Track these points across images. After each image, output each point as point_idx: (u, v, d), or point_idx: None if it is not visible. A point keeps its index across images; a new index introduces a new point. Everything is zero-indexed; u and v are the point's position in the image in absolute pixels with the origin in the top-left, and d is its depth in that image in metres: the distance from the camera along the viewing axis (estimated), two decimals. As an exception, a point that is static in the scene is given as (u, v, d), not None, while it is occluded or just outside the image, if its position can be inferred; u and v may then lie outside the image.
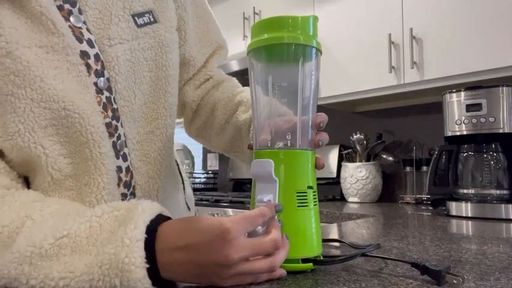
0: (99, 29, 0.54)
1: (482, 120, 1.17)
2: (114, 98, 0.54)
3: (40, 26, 0.48)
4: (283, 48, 0.47)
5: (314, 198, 0.48)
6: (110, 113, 0.53)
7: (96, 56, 0.53)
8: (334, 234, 0.79)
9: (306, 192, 0.47)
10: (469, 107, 1.19)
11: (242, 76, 2.23)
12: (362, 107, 2.06)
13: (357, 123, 2.09)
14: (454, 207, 1.19)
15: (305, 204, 0.46)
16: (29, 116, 0.47)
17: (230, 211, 1.62)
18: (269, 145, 0.48)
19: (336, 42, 1.79)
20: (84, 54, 0.51)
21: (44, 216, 0.42)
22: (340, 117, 2.14)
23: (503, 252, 0.60)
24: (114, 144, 0.54)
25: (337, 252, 0.60)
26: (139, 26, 0.57)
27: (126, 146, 0.56)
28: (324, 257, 0.49)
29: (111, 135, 0.53)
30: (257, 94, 0.50)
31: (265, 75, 0.49)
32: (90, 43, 0.52)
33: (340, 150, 2.04)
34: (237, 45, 2.24)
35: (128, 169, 0.56)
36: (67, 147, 0.50)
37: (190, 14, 0.71)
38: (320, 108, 0.51)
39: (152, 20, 0.59)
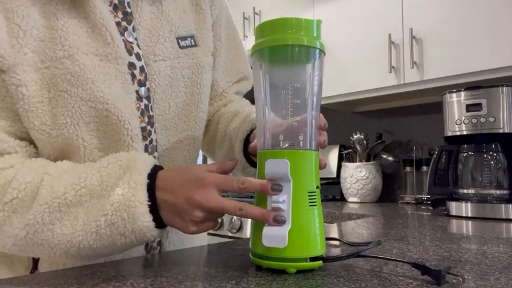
0: (147, 46, 0.61)
1: (482, 120, 1.17)
2: (151, 106, 0.60)
3: (99, 36, 0.55)
4: (287, 49, 0.48)
5: (319, 198, 0.49)
6: (146, 119, 0.59)
7: (142, 68, 0.59)
8: (334, 234, 0.79)
9: (315, 192, 0.47)
10: (469, 107, 1.19)
11: (242, 76, 2.23)
12: (362, 107, 2.06)
13: (357, 123, 2.09)
14: (454, 207, 1.19)
15: (315, 203, 0.47)
16: (77, 112, 0.53)
17: (230, 211, 1.63)
18: (276, 145, 0.48)
19: (336, 42, 1.79)
20: (131, 65, 0.58)
21: (58, 172, 0.50)
22: (340, 117, 2.14)
23: (503, 252, 0.60)
24: (146, 147, 0.59)
25: (337, 251, 0.60)
26: (181, 47, 0.65)
27: (156, 151, 0.62)
28: (326, 255, 0.49)
29: (144, 138, 0.59)
30: (260, 94, 0.50)
31: (269, 76, 0.49)
32: (138, 57, 0.59)
33: (340, 150, 2.04)
34: (237, 45, 2.24)
35: None
36: (103, 142, 0.56)
37: (224, 45, 0.78)
38: (320, 108, 0.51)
39: (193, 43, 0.67)
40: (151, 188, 0.49)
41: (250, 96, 0.64)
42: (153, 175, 0.50)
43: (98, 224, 0.47)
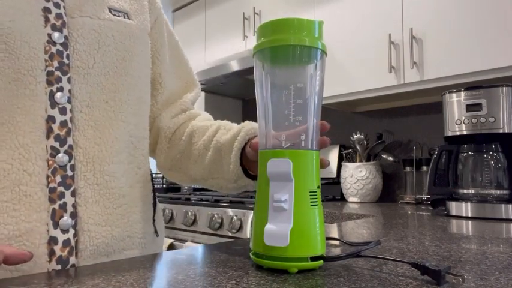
0: (73, 4, 0.59)
1: (482, 120, 1.17)
2: (68, 54, 0.57)
3: None
4: (289, 49, 0.48)
5: (320, 198, 0.49)
6: (55, 64, 0.56)
7: (59, 15, 0.57)
8: (334, 234, 0.79)
9: (316, 192, 0.47)
10: (469, 107, 1.19)
11: (242, 76, 2.23)
12: (362, 107, 2.06)
13: (357, 123, 2.09)
14: (454, 207, 1.19)
15: (316, 203, 0.47)
16: None
17: (230, 211, 1.62)
18: (278, 145, 0.48)
19: (336, 42, 1.79)
20: (46, 10, 0.56)
21: None
22: (340, 117, 2.14)
23: (503, 252, 0.60)
24: (51, 93, 0.55)
25: (336, 250, 0.60)
26: (113, 15, 0.63)
27: (69, 103, 0.57)
28: (325, 255, 0.49)
29: (49, 83, 0.55)
30: (262, 95, 0.50)
31: (270, 76, 0.50)
32: (57, 5, 0.57)
33: (340, 150, 2.04)
34: (237, 45, 2.24)
35: (64, 123, 0.56)
36: None
37: (167, 44, 0.78)
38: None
39: (126, 17, 0.66)
40: None
41: (252, 97, 0.64)
42: None
43: None
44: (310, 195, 0.47)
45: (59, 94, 0.55)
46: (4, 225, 0.50)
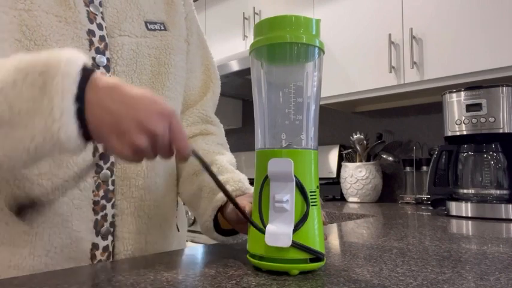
0: (113, 21, 0.62)
1: (482, 120, 1.17)
2: (109, 76, 0.60)
3: (63, 0, 0.57)
4: (285, 47, 0.47)
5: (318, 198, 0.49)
6: None
7: (102, 38, 0.60)
8: (334, 234, 0.79)
9: (315, 192, 0.47)
10: (469, 107, 1.19)
11: (242, 76, 2.23)
12: (362, 107, 2.06)
13: (357, 123, 2.09)
14: (454, 207, 1.19)
15: (315, 203, 0.47)
16: None
17: (230, 211, 1.63)
18: (276, 144, 0.48)
19: (336, 42, 1.79)
20: (90, 32, 0.59)
21: None
22: (340, 117, 2.14)
23: (503, 252, 0.60)
24: None
25: (336, 250, 0.60)
26: (149, 29, 0.66)
27: None
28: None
29: None
30: (258, 93, 0.50)
31: (267, 74, 0.49)
32: (100, 27, 0.60)
33: (340, 150, 2.04)
34: (237, 45, 2.24)
35: None
36: None
37: (195, 40, 0.77)
38: (320, 108, 0.51)
39: (162, 28, 0.68)
40: (82, 113, 0.41)
41: (252, 97, 0.64)
42: (82, 96, 0.41)
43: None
44: (310, 195, 0.46)
45: None
46: (58, 235, 0.55)
